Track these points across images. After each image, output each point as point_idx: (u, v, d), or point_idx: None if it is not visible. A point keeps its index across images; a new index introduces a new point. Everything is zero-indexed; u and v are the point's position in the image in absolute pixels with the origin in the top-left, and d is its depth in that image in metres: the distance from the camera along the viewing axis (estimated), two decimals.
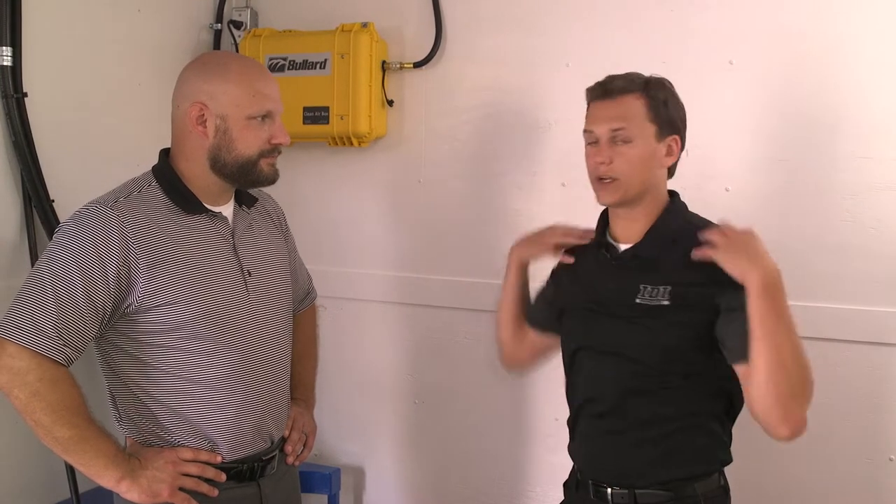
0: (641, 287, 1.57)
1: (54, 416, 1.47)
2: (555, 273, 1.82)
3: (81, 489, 2.00)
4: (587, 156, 1.64)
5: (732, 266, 1.45)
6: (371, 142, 2.47)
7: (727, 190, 2.09)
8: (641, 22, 2.17)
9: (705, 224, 1.61)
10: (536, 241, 1.82)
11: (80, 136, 2.18)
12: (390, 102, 2.46)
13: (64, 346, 1.49)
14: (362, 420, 2.60)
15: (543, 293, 1.85)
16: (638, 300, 1.57)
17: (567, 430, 1.75)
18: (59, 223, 1.91)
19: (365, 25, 2.39)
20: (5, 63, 1.94)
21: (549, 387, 2.33)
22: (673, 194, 1.67)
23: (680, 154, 1.65)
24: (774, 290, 1.42)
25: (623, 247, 1.64)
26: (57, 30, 2.11)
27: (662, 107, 1.60)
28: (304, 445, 1.86)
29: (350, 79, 2.37)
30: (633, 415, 1.59)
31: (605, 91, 1.61)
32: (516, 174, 2.35)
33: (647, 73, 1.65)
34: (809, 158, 2.03)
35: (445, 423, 2.49)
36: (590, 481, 1.64)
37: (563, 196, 2.29)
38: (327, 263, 2.48)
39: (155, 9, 2.41)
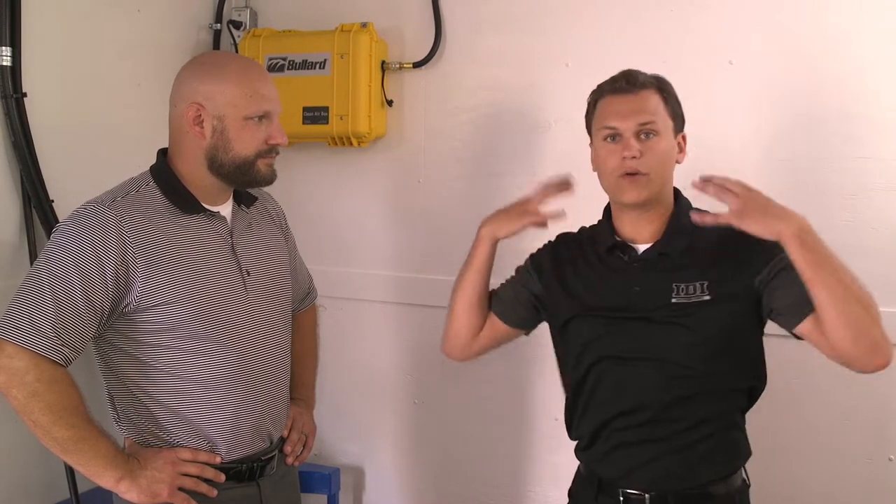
0: (675, 286, 1.53)
1: (53, 416, 1.47)
2: (539, 267, 1.73)
3: (81, 489, 2.00)
4: (606, 153, 1.58)
5: (762, 227, 1.42)
6: (371, 142, 2.47)
7: None
8: (641, 22, 2.17)
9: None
10: (515, 213, 1.69)
11: (80, 136, 2.17)
12: (390, 102, 2.46)
13: (62, 345, 1.48)
14: (362, 420, 2.60)
15: (522, 283, 1.75)
16: (674, 300, 1.53)
17: (565, 430, 1.74)
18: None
19: (364, 25, 2.39)
20: (5, 63, 1.94)
21: (548, 387, 2.33)
22: (676, 191, 1.65)
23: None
24: (810, 233, 1.40)
25: (642, 247, 1.60)
26: (57, 30, 2.11)
27: (675, 103, 1.60)
28: (304, 446, 1.86)
29: (350, 79, 2.37)
30: (676, 420, 1.54)
31: (629, 84, 1.57)
32: (516, 174, 2.35)
33: (646, 72, 1.64)
34: (809, 158, 2.03)
35: (445, 423, 2.49)
36: (620, 490, 1.58)
37: (562, 196, 2.29)
38: (327, 263, 2.48)
39: (155, 9, 2.41)
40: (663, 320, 1.53)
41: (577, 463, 1.73)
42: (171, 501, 1.56)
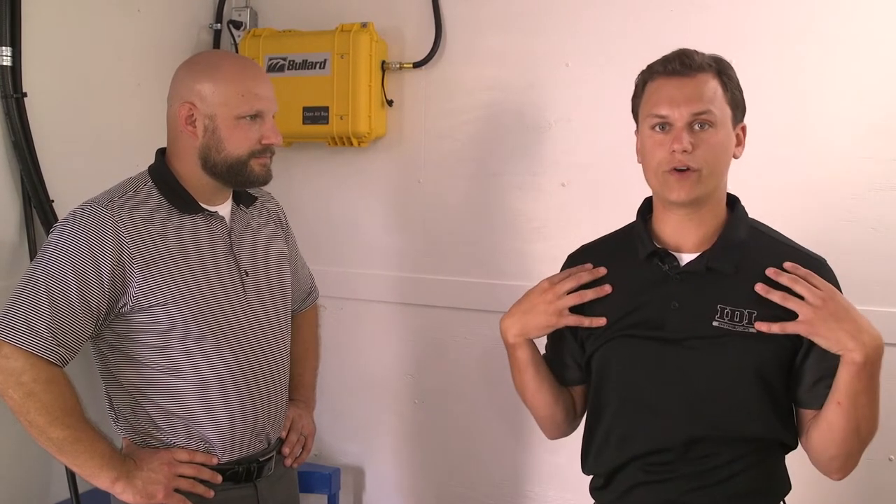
0: (720, 308, 1.36)
1: (49, 416, 1.47)
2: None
3: (81, 490, 2.00)
4: (653, 144, 1.40)
5: (830, 341, 1.29)
6: (371, 142, 2.47)
7: None
8: (641, 22, 2.17)
9: (771, 232, 1.46)
10: (539, 309, 1.48)
11: (80, 136, 2.18)
12: (390, 102, 2.46)
13: (58, 346, 1.48)
14: (362, 420, 2.60)
15: (564, 340, 1.56)
16: (716, 323, 1.36)
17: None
18: None
19: (364, 25, 2.39)
20: (5, 63, 1.94)
21: None
22: (732, 196, 1.48)
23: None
24: (874, 365, 1.29)
25: (686, 257, 1.42)
26: (57, 30, 2.11)
27: (736, 88, 1.42)
28: (303, 447, 1.85)
29: (350, 79, 2.37)
30: (701, 460, 1.39)
31: (683, 66, 1.38)
32: (516, 174, 2.35)
33: (704, 52, 1.46)
34: (809, 158, 2.03)
35: (445, 423, 2.49)
36: None
37: (562, 196, 2.29)
38: (327, 263, 2.48)
39: (155, 9, 2.41)
40: (700, 347, 1.38)
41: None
42: (167, 502, 1.56)
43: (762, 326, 1.35)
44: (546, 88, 2.29)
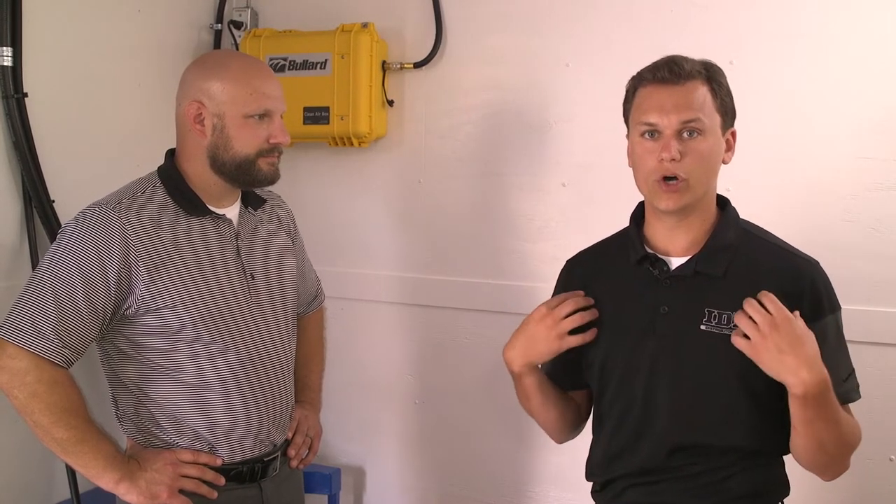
0: (707, 311, 1.36)
1: (53, 417, 1.47)
2: None
3: (81, 490, 2.00)
4: (643, 151, 1.40)
5: (772, 371, 1.28)
6: (371, 142, 2.47)
7: (728, 190, 2.08)
8: (641, 22, 2.17)
9: (761, 233, 1.47)
10: (540, 336, 1.47)
11: (80, 136, 2.18)
12: (390, 102, 2.46)
13: (63, 347, 1.48)
14: (363, 420, 2.60)
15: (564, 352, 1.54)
16: (703, 327, 1.36)
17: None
18: (59, 224, 1.92)
19: (365, 26, 2.39)
20: (5, 63, 1.94)
21: None
22: (722, 198, 1.49)
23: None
24: (817, 397, 1.27)
25: (675, 262, 1.43)
26: (57, 30, 2.11)
27: (726, 94, 1.42)
28: (309, 449, 1.85)
29: (350, 79, 2.37)
30: (690, 466, 1.40)
31: (672, 74, 1.37)
32: (516, 174, 2.35)
33: (694, 58, 1.45)
34: (809, 158, 2.03)
35: (446, 423, 2.49)
36: None
37: (563, 196, 2.30)
38: (327, 263, 2.47)
39: (155, 9, 2.41)
40: (687, 350, 1.38)
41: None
42: (170, 503, 1.55)
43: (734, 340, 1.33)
44: (546, 88, 2.30)
